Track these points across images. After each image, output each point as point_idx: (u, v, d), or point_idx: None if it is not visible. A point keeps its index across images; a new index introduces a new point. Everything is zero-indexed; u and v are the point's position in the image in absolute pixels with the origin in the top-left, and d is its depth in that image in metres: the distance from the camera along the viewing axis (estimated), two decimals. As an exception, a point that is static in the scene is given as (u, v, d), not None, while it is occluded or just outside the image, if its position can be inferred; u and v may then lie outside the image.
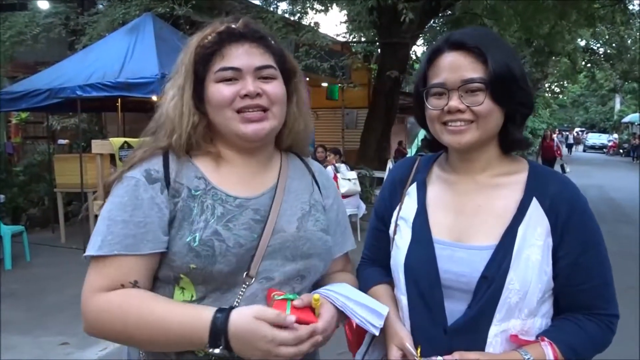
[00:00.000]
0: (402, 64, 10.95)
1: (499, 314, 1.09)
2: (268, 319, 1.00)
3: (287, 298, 1.07)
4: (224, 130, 1.16)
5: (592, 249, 1.13)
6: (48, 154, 8.48)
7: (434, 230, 1.19)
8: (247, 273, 1.10)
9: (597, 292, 1.14)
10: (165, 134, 1.16)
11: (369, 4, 8.55)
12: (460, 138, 1.14)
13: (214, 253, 1.07)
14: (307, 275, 1.18)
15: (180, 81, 1.16)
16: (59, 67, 7.33)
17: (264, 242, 1.12)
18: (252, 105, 1.13)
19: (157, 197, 1.10)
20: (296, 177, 1.26)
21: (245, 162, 1.20)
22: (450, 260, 1.14)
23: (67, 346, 3.95)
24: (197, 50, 1.15)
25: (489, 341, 1.10)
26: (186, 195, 1.12)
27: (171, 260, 1.09)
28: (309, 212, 1.22)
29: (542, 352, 1.07)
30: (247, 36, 1.15)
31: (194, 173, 1.15)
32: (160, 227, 1.09)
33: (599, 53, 20.60)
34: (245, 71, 1.13)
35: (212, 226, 1.09)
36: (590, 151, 38.86)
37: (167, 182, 1.12)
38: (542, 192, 1.15)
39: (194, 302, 1.10)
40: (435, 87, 1.15)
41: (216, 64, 1.13)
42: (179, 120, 1.15)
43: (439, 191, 1.24)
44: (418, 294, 1.16)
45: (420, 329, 1.16)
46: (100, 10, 8.90)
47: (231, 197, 1.14)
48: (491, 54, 1.12)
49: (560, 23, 12.31)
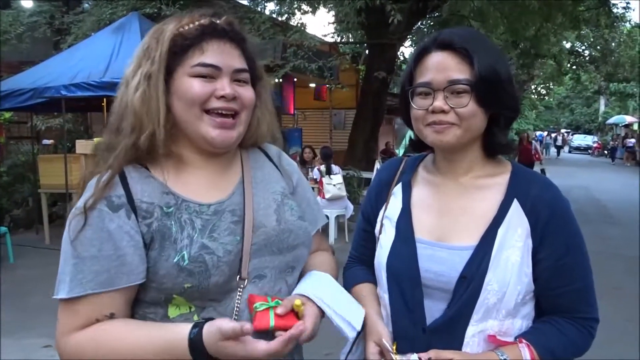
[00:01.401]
0: (390, 65, 10.98)
1: (477, 315, 1.10)
2: (227, 336, 0.95)
3: (269, 306, 1.05)
4: (189, 129, 1.09)
5: (573, 252, 1.14)
6: (32, 154, 8.38)
7: (417, 229, 1.20)
8: (239, 276, 1.07)
9: (577, 295, 1.15)
10: (132, 130, 1.05)
11: (358, 5, 8.57)
12: (442, 137, 1.14)
13: (207, 267, 1.02)
14: (297, 265, 1.17)
15: (151, 69, 1.05)
16: (44, 67, 7.26)
17: (248, 241, 1.09)
18: (227, 107, 1.07)
19: (124, 224, 1.02)
20: (258, 167, 1.23)
21: (209, 164, 1.14)
22: (431, 260, 1.15)
23: (50, 348, 3.90)
24: (175, 39, 1.06)
25: (465, 341, 1.11)
26: (160, 215, 1.05)
27: (160, 283, 1.03)
28: (282, 202, 1.19)
29: (519, 354, 1.08)
30: (229, 35, 1.10)
31: (160, 188, 1.07)
32: (136, 256, 1.02)
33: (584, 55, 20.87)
34: (225, 71, 1.08)
35: (198, 240, 1.04)
36: (575, 152, 39.30)
37: (132, 205, 1.04)
38: (523, 193, 1.16)
39: (193, 313, 1.06)
40: (421, 87, 1.15)
41: (194, 57, 1.06)
42: (152, 115, 1.04)
43: (423, 192, 1.25)
44: (399, 292, 1.18)
45: (401, 328, 1.17)
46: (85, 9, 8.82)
47: (204, 205, 1.09)
48: (478, 55, 1.11)
49: (545, 25, 12.44)
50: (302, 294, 1.10)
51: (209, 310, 1.06)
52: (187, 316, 1.06)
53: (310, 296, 1.09)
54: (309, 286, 1.14)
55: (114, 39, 6.92)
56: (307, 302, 1.08)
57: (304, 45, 8.99)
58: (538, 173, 1.25)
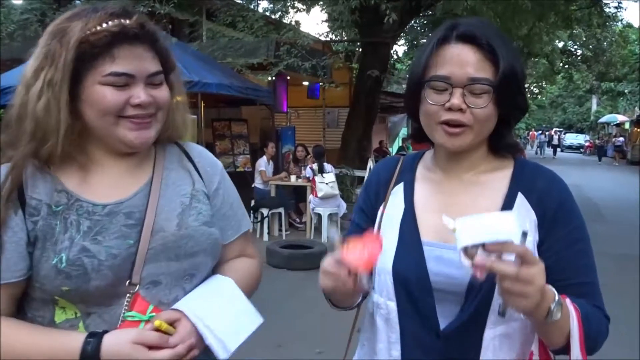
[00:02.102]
0: (383, 63, 11.00)
1: (493, 316, 1.05)
2: (149, 342, 0.96)
3: (141, 320, 1.01)
4: (102, 134, 1.05)
5: (577, 244, 1.10)
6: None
7: (422, 231, 1.14)
8: (129, 281, 1.03)
9: (586, 289, 1.09)
10: (31, 139, 1.02)
11: (352, 5, 8.57)
12: (454, 141, 1.09)
13: (85, 271, 0.99)
14: (196, 272, 1.12)
15: (55, 77, 1.00)
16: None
17: (144, 245, 1.04)
18: (143, 114, 1.04)
19: (9, 219, 1.00)
20: (173, 168, 1.17)
21: (120, 164, 1.11)
22: (439, 262, 1.09)
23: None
24: (82, 45, 0.99)
25: (485, 344, 1.06)
26: (46, 213, 1.02)
27: (42, 284, 1.00)
28: (190, 205, 1.13)
29: (567, 304, 1.00)
30: (140, 38, 1.03)
31: (53, 186, 1.04)
32: (15, 252, 0.99)
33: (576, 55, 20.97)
34: (138, 78, 1.03)
35: (79, 243, 1.00)
36: (568, 151, 39.53)
37: (21, 200, 1.01)
38: (528, 187, 1.12)
39: (79, 319, 1.03)
40: (439, 81, 1.07)
41: (105, 65, 1.00)
42: (53, 126, 1.00)
43: (425, 191, 1.20)
44: (408, 298, 1.11)
45: (412, 335, 1.11)
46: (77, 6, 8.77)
47: (99, 205, 1.05)
48: (502, 54, 1.05)
49: (538, 25, 12.51)
50: (178, 309, 1.04)
51: (94, 317, 1.03)
52: (73, 322, 1.03)
53: (186, 312, 1.03)
54: (191, 299, 1.08)
55: (106, 36, 6.87)
56: (182, 317, 1.02)
57: (298, 43, 8.99)
58: (542, 166, 1.20)
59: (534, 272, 0.89)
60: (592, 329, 1.04)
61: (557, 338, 1.01)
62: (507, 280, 0.88)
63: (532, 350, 1.08)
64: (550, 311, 0.94)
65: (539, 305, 0.92)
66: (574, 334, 1.00)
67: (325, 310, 1.28)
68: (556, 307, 0.95)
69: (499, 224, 0.90)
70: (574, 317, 1.00)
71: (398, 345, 1.13)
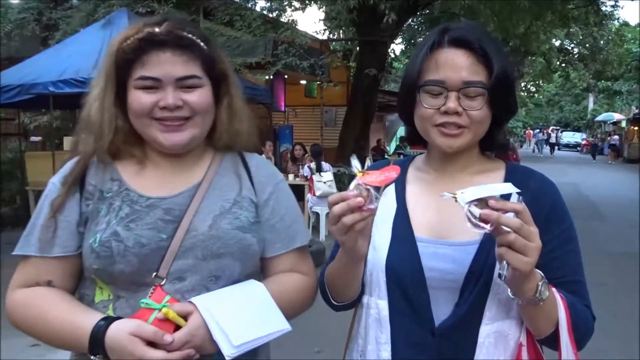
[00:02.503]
0: (381, 62, 10.99)
1: (489, 312, 1.06)
2: (144, 336, 0.99)
3: (156, 308, 1.03)
4: (143, 136, 1.15)
5: (569, 244, 1.12)
6: (20, 152, 8.29)
7: (415, 228, 1.14)
8: (156, 274, 1.08)
9: (576, 287, 1.11)
10: (91, 136, 1.16)
11: (351, 5, 8.55)
12: (452, 142, 1.10)
13: (112, 254, 1.07)
14: (222, 275, 1.13)
15: (102, 84, 1.14)
16: (31, 62, 7.17)
17: (177, 242, 1.10)
18: (171, 117, 1.10)
19: (68, 200, 1.13)
20: (225, 174, 1.22)
21: (171, 163, 1.19)
22: (434, 258, 1.10)
23: (39, 347, 3.87)
24: (118, 54, 1.11)
25: (480, 341, 1.06)
26: (97, 198, 1.14)
27: (83, 261, 1.12)
28: (229, 210, 1.16)
29: (554, 293, 1.02)
30: (169, 43, 1.09)
31: (110, 175, 1.16)
32: (67, 230, 1.12)
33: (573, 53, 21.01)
34: (165, 81, 1.09)
35: (113, 227, 1.09)
36: (565, 149, 39.64)
37: (81, 185, 1.15)
38: (521, 186, 1.10)
39: (110, 301, 1.12)
40: (434, 85, 1.09)
41: (136, 70, 1.10)
42: (101, 126, 1.14)
43: (417, 190, 1.21)
44: (401, 295, 1.11)
45: (405, 334, 1.10)
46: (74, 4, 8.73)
47: (143, 197, 1.14)
48: (495, 58, 1.07)
49: (535, 23, 12.51)
50: (191, 302, 1.06)
51: (122, 301, 1.10)
52: (106, 303, 1.12)
53: (198, 305, 1.05)
54: (209, 294, 1.10)
55: (103, 34, 6.85)
56: (194, 310, 1.04)
57: (295, 42, 8.98)
58: (533, 169, 1.22)
59: (533, 230, 0.92)
60: (579, 318, 1.05)
61: (544, 323, 1.03)
62: (510, 235, 0.90)
63: (520, 341, 1.09)
64: (538, 289, 0.97)
65: (529, 278, 0.95)
66: (562, 321, 1.01)
67: (324, 310, 1.28)
68: (543, 286, 0.98)
69: (497, 187, 0.97)
70: (560, 305, 1.02)
71: (388, 346, 1.12)
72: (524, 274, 0.93)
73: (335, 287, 1.19)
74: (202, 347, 1.03)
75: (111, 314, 1.09)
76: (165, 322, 1.02)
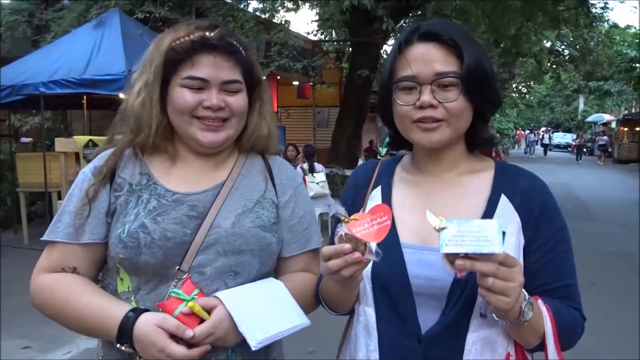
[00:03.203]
0: (373, 63, 11.01)
1: (476, 319, 1.05)
2: (168, 329, 1.04)
3: (185, 299, 1.09)
4: (180, 131, 1.20)
5: (562, 245, 1.10)
6: (10, 153, 8.22)
7: (401, 234, 1.12)
8: (179, 267, 1.13)
9: (568, 291, 1.10)
10: (131, 129, 1.20)
11: (344, 7, 8.55)
12: (430, 136, 1.08)
13: (138, 244, 1.12)
14: (241, 271, 1.17)
15: (149, 79, 1.17)
16: (22, 63, 7.13)
17: (200, 238, 1.14)
18: (213, 117, 1.16)
19: (98, 190, 1.18)
20: (248, 175, 1.27)
21: (200, 161, 1.24)
22: (420, 264, 1.08)
23: (30, 350, 3.85)
24: (169, 52, 1.16)
25: (467, 349, 1.05)
26: (127, 190, 1.19)
27: (109, 250, 1.17)
28: (252, 209, 1.21)
29: (538, 305, 1.02)
30: (219, 48, 1.16)
31: (140, 169, 1.21)
32: (97, 218, 1.17)
33: (563, 54, 21.18)
34: (212, 83, 1.15)
35: (141, 219, 1.14)
36: (556, 150, 39.88)
37: (112, 176, 1.20)
38: (510, 188, 1.11)
39: (131, 292, 1.16)
40: (406, 81, 1.08)
41: (185, 70, 1.15)
42: (147, 120, 1.18)
43: (404, 193, 1.19)
44: (388, 303, 1.10)
45: (391, 341, 1.09)
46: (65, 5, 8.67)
47: (170, 192, 1.18)
48: (466, 48, 1.06)
49: (526, 25, 12.60)
50: (216, 296, 1.11)
51: (142, 294, 1.15)
52: (127, 295, 1.16)
53: (223, 299, 1.09)
54: (232, 290, 1.14)
55: (95, 35, 6.82)
56: (218, 304, 1.09)
57: (289, 44, 8.97)
58: (523, 168, 1.20)
59: (514, 269, 0.92)
60: (565, 324, 1.05)
61: (531, 338, 1.03)
62: (489, 278, 0.90)
63: (508, 351, 1.08)
64: (522, 311, 0.97)
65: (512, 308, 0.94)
66: (548, 333, 1.02)
67: (318, 310, 1.28)
68: (527, 307, 0.97)
69: (482, 233, 0.90)
70: (546, 317, 1.02)
71: (376, 353, 1.11)
72: (506, 311, 0.94)
73: (330, 303, 1.20)
74: (225, 339, 1.08)
75: (134, 305, 1.13)
76: (191, 315, 1.07)
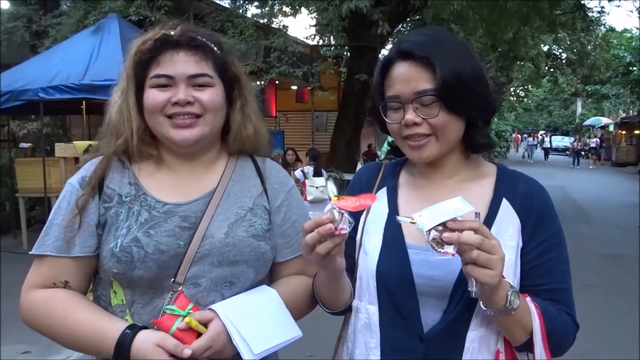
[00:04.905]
0: (371, 67, 10.91)
1: (477, 318, 1.07)
2: (167, 348, 1.04)
3: (180, 315, 1.08)
4: (157, 134, 1.19)
5: (555, 250, 1.12)
6: (9, 158, 8.22)
7: (407, 234, 1.14)
8: (174, 280, 1.12)
9: (561, 295, 1.11)
10: (112, 138, 1.20)
11: (343, 13, 8.58)
12: (420, 153, 1.12)
13: (132, 259, 1.10)
14: (237, 281, 1.17)
15: (123, 85, 1.19)
16: (21, 69, 7.13)
17: (193, 249, 1.13)
18: (182, 112, 1.15)
19: (87, 202, 1.16)
20: (239, 181, 1.25)
21: (185, 166, 1.22)
22: (424, 264, 1.10)
23: (29, 355, 3.85)
24: (136, 55, 1.17)
25: (466, 346, 1.07)
26: (116, 202, 1.17)
27: (101, 263, 1.15)
28: (244, 217, 1.20)
29: (526, 302, 1.04)
30: (182, 44, 1.16)
31: (128, 179, 1.19)
32: (87, 231, 1.15)
33: (561, 58, 21.25)
34: (178, 79, 1.14)
35: (133, 233, 1.12)
36: (554, 153, 39.92)
37: (100, 187, 1.17)
38: (511, 192, 1.14)
39: (125, 306, 1.14)
40: (391, 101, 1.13)
41: (152, 70, 1.15)
42: (123, 125, 1.18)
43: (409, 195, 1.21)
44: (390, 301, 1.12)
45: (393, 339, 1.11)
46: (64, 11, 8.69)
47: (160, 202, 1.17)
48: (439, 62, 1.07)
49: (523, 29, 12.65)
50: (212, 309, 1.10)
51: (137, 307, 1.13)
52: (122, 308, 1.14)
53: (218, 312, 1.09)
54: (228, 302, 1.14)
55: (93, 40, 6.84)
56: (214, 317, 1.09)
57: (288, 49, 8.99)
58: (522, 172, 1.22)
59: (494, 242, 0.95)
60: (554, 326, 1.06)
61: (518, 332, 1.05)
62: (473, 251, 0.93)
63: (497, 348, 1.10)
64: (508, 298, 0.99)
65: (497, 289, 0.97)
66: (536, 330, 1.03)
67: (317, 314, 1.29)
68: (513, 295, 1.00)
69: (451, 206, 0.97)
70: (534, 313, 1.04)
71: (377, 351, 1.13)
72: (493, 287, 0.96)
73: (324, 298, 1.21)
74: (223, 352, 1.08)
75: (129, 319, 1.13)
76: (188, 330, 1.06)
